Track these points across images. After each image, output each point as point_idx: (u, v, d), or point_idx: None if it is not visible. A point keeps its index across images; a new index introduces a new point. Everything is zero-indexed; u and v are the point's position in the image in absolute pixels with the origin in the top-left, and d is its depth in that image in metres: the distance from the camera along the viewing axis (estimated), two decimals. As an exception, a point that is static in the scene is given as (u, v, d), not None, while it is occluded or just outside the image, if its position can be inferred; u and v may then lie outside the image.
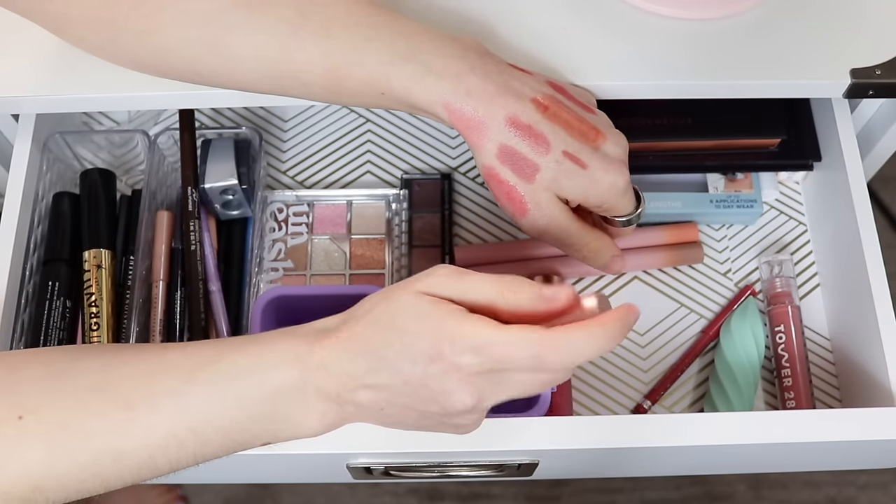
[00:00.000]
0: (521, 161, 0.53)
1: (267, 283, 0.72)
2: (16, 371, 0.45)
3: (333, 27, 0.51)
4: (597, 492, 0.99)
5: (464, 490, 0.98)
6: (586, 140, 0.53)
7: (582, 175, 0.53)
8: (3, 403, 0.43)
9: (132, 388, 0.44)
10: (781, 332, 0.69)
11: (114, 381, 0.44)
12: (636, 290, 0.73)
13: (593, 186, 0.54)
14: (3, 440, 0.42)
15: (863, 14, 0.62)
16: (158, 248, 0.69)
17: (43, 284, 0.66)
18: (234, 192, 0.70)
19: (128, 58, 0.55)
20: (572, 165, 0.53)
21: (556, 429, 0.55)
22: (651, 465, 0.65)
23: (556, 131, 0.53)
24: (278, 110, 0.80)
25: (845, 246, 0.67)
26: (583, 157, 0.53)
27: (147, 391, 0.44)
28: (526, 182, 0.53)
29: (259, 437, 0.45)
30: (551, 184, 0.53)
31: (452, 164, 0.77)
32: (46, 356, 0.47)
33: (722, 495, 1.00)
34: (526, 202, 0.54)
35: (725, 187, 0.74)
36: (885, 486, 1.01)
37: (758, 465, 0.69)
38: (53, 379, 0.44)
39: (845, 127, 0.69)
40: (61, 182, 0.71)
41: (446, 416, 0.45)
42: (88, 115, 0.79)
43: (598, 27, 0.61)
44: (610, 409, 0.69)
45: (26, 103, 0.62)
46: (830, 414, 0.56)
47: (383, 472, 0.58)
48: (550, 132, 0.52)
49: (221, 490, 0.99)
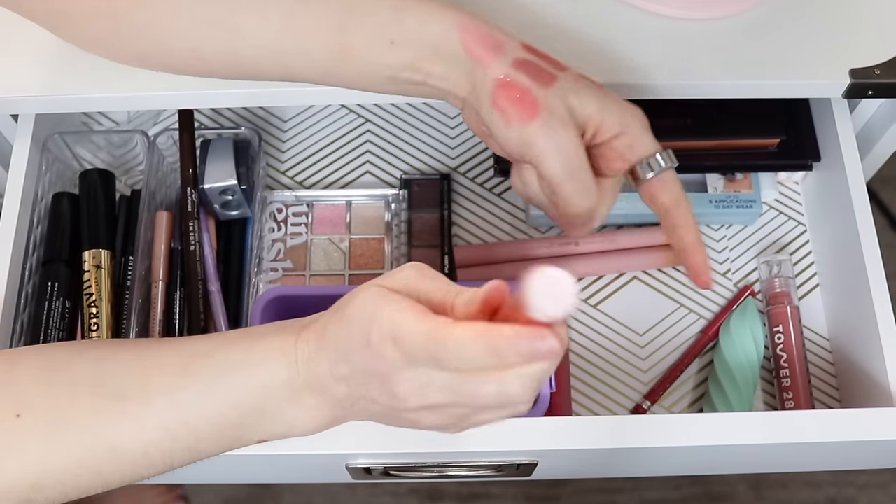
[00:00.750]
0: (538, 70, 0.51)
1: (266, 283, 0.72)
2: (15, 367, 0.45)
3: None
4: (596, 492, 0.99)
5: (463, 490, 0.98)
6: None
7: (601, 91, 0.51)
8: (2, 400, 0.43)
9: (126, 382, 0.44)
10: (780, 333, 0.69)
11: (108, 375, 0.44)
12: (636, 291, 0.73)
13: (613, 103, 0.51)
14: (2, 438, 0.43)
15: (862, 14, 0.62)
16: (158, 248, 0.69)
17: (42, 285, 0.66)
18: (233, 193, 0.70)
19: (129, 51, 0.55)
20: (591, 83, 0.52)
21: (555, 429, 0.55)
22: (651, 465, 0.65)
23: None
24: (277, 110, 0.80)
25: (844, 246, 0.67)
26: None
27: (141, 385, 0.44)
28: (543, 87, 0.50)
29: (253, 433, 0.45)
30: (568, 91, 0.50)
31: (452, 164, 0.77)
32: (44, 352, 0.47)
33: (722, 495, 1.00)
34: (539, 104, 0.49)
35: (725, 187, 0.74)
36: (885, 486, 1.01)
37: (758, 465, 0.69)
38: (50, 373, 0.44)
39: (844, 127, 0.69)
40: (60, 182, 0.71)
41: (400, 411, 0.43)
42: (88, 115, 0.79)
43: (599, 27, 0.61)
44: (609, 410, 0.69)
45: (26, 103, 0.62)
46: (830, 414, 0.56)
47: (382, 472, 0.58)
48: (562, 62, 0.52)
49: (221, 490, 0.99)
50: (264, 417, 0.44)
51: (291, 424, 0.45)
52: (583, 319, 0.72)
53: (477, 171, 0.77)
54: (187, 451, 0.45)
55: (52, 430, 0.43)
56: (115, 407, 0.43)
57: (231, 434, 0.45)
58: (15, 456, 0.42)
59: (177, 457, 0.45)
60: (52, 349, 0.48)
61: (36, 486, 0.43)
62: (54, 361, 0.45)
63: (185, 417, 0.43)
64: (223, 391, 0.44)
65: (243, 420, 0.44)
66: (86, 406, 0.43)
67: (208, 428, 0.44)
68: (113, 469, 0.44)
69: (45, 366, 0.45)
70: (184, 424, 0.44)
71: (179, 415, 0.43)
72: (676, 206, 0.54)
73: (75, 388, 0.44)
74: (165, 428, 0.43)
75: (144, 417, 0.43)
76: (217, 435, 0.44)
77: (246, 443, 0.46)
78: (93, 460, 0.43)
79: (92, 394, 0.44)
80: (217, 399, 0.44)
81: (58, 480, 0.43)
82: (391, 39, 0.50)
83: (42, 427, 0.43)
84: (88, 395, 0.44)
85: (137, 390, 0.44)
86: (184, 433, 0.44)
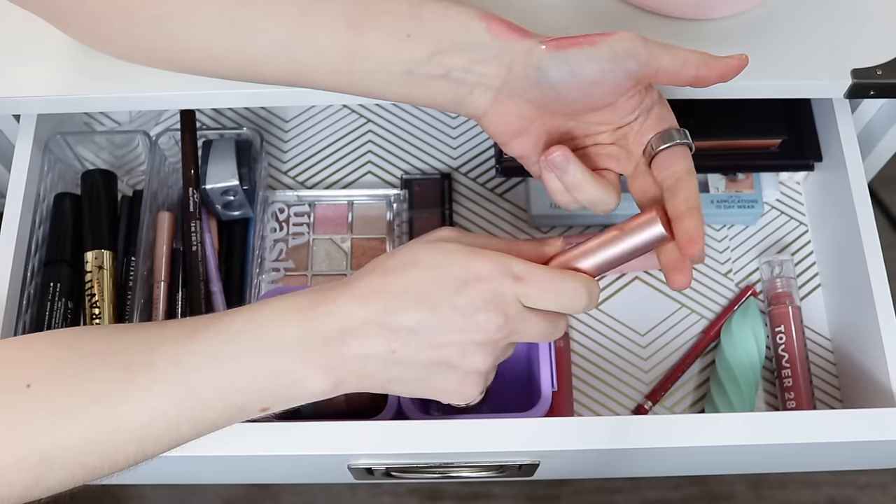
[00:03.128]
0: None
1: (268, 283, 0.73)
2: (27, 345, 0.47)
3: None
4: (597, 492, 0.99)
5: (464, 490, 0.98)
6: None
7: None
8: (14, 373, 0.44)
9: (133, 353, 0.45)
10: (782, 333, 0.69)
11: (117, 347, 0.45)
12: (637, 291, 0.73)
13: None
14: (13, 409, 0.43)
15: (864, 14, 0.62)
16: (160, 248, 0.69)
17: (44, 285, 0.66)
18: (235, 193, 0.70)
19: (139, 48, 0.55)
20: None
21: (557, 429, 0.55)
22: (652, 465, 0.65)
23: None
24: (279, 111, 0.80)
25: (846, 246, 0.67)
26: None
27: (147, 355, 0.45)
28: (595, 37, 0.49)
29: (260, 397, 0.45)
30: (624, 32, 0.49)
31: (452, 164, 0.77)
32: (55, 333, 0.49)
33: (722, 495, 1.00)
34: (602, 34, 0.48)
35: (726, 187, 0.74)
36: (885, 486, 1.01)
37: (758, 465, 0.69)
38: (60, 349, 0.46)
39: (846, 127, 0.69)
40: (62, 183, 0.71)
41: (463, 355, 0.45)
42: (90, 115, 0.79)
43: (600, 28, 0.61)
44: (611, 410, 0.69)
45: (28, 104, 0.62)
46: (831, 414, 0.56)
47: (384, 472, 0.58)
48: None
49: (221, 490, 0.99)
50: (272, 378, 0.45)
51: (298, 385, 0.45)
52: (584, 319, 0.72)
53: (478, 171, 0.77)
54: (192, 423, 0.45)
55: (60, 402, 0.44)
56: (122, 376, 0.44)
57: (236, 400, 0.45)
58: (25, 427, 0.43)
59: (182, 429, 0.45)
60: (62, 330, 0.49)
61: (45, 460, 0.43)
62: (64, 339, 0.47)
63: (190, 382, 0.44)
64: (229, 353, 0.44)
65: (250, 382, 0.44)
66: (94, 377, 0.44)
67: (213, 393, 0.44)
68: (118, 443, 0.44)
69: (55, 343, 0.47)
70: (188, 389, 0.44)
71: (185, 380, 0.44)
72: (687, 174, 0.52)
73: (84, 360, 0.45)
74: (171, 394, 0.44)
75: (149, 384, 0.44)
76: (222, 402, 0.45)
77: (251, 411, 0.46)
78: (98, 432, 0.44)
79: (100, 365, 0.45)
80: (222, 361, 0.44)
81: (64, 454, 0.44)
82: (407, 33, 0.49)
83: (51, 398, 0.44)
84: (96, 366, 0.45)
85: (144, 360, 0.45)
86: (189, 400, 0.44)
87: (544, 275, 0.46)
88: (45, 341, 0.47)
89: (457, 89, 0.50)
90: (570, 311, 0.46)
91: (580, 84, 0.48)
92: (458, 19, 0.49)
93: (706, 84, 0.49)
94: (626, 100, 0.50)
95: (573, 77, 0.48)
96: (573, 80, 0.48)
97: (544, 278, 0.45)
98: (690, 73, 0.48)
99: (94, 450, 0.44)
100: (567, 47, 0.48)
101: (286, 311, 0.45)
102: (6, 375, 0.44)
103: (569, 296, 0.46)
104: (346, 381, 0.45)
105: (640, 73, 0.48)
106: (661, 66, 0.48)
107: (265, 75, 0.53)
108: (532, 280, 0.45)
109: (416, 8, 0.50)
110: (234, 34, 0.52)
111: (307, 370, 0.44)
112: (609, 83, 0.48)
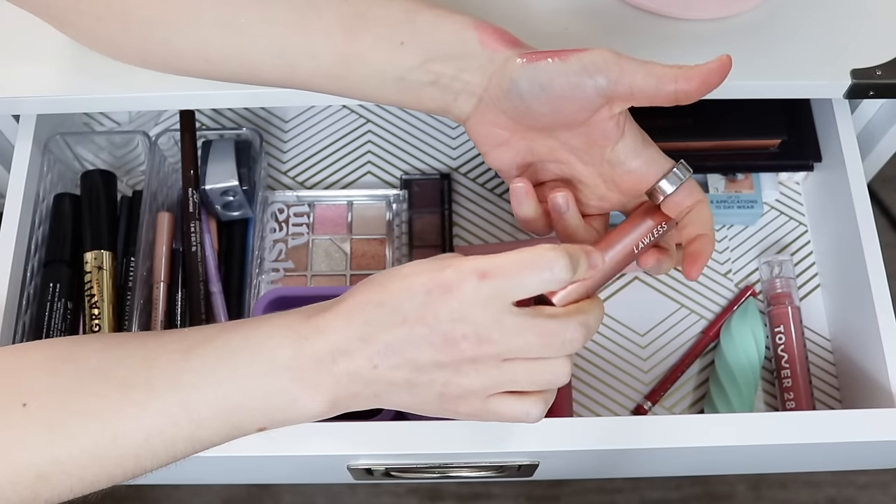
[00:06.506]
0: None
1: (268, 283, 0.73)
2: (21, 359, 0.46)
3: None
4: (597, 492, 0.99)
5: (464, 490, 0.98)
6: None
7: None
8: (9, 390, 0.44)
9: (130, 368, 0.44)
10: (781, 333, 0.69)
11: (113, 363, 0.45)
12: (637, 291, 0.73)
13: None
14: (9, 427, 0.43)
15: (863, 14, 0.62)
16: (159, 249, 0.69)
17: (44, 286, 0.66)
18: (234, 193, 0.70)
19: (135, 49, 0.55)
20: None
21: (556, 430, 0.55)
22: (651, 465, 0.65)
23: None
24: (279, 111, 0.80)
25: (845, 246, 0.67)
26: None
27: (144, 371, 0.44)
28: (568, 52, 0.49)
29: (254, 418, 0.45)
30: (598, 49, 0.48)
31: (452, 165, 0.77)
32: (50, 344, 0.48)
33: (722, 495, 1.00)
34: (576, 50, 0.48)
35: (726, 188, 0.74)
36: (885, 486, 1.01)
37: (758, 465, 0.69)
38: (55, 364, 0.45)
39: (846, 127, 0.69)
40: (62, 183, 0.71)
41: (443, 373, 0.43)
42: (89, 115, 0.79)
43: (600, 28, 0.61)
44: (610, 410, 0.69)
45: (27, 104, 0.62)
46: (830, 415, 0.56)
47: (384, 473, 0.58)
48: None
49: (221, 490, 0.99)
50: (268, 397, 0.44)
51: (292, 407, 0.44)
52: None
53: (478, 172, 0.77)
54: (189, 440, 0.45)
55: (56, 419, 0.43)
56: (119, 393, 0.44)
57: (233, 419, 0.45)
58: (21, 445, 0.43)
59: (179, 446, 0.45)
60: (58, 342, 0.48)
61: (41, 477, 0.43)
62: (60, 352, 0.46)
63: (187, 400, 0.44)
64: (225, 372, 0.44)
65: (245, 401, 0.44)
66: (90, 393, 0.44)
67: (210, 413, 0.44)
68: (115, 458, 0.44)
69: (51, 356, 0.46)
70: (185, 408, 0.44)
71: (182, 398, 0.44)
72: (701, 205, 0.52)
73: (80, 376, 0.44)
74: (167, 412, 0.44)
75: (146, 401, 0.44)
76: (218, 420, 0.44)
77: (246, 430, 0.46)
78: (96, 447, 0.43)
79: (96, 381, 0.44)
80: (219, 379, 0.44)
81: (62, 470, 0.43)
82: (401, 41, 0.50)
83: (47, 415, 0.43)
84: (93, 382, 0.44)
85: (141, 376, 0.44)
86: (185, 418, 0.44)
87: (507, 259, 0.43)
88: (41, 354, 0.46)
89: (443, 95, 0.51)
90: (551, 284, 0.42)
91: (549, 98, 0.48)
92: (451, 28, 0.50)
93: (691, 98, 0.48)
94: (601, 120, 0.49)
95: (541, 90, 0.48)
96: (541, 93, 0.48)
97: (507, 261, 0.42)
98: (669, 88, 0.47)
99: (91, 465, 0.44)
100: (538, 60, 0.48)
101: (282, 329, 0.44)
102: (1, 392, 0.44)
103: (542, 268, 0.42)
104: (342, 401, 0.44)
105: (610, 89, 0.47)
106: (636, 83, 0.47)
107: (261, 78, 0.54)
108: (496, 270, 0.42)
109: (411, 15, 0.50)
110: (229, 38, 0.52)
111: (299, 390, 0.44)
112: (577, 98, 0.48)
